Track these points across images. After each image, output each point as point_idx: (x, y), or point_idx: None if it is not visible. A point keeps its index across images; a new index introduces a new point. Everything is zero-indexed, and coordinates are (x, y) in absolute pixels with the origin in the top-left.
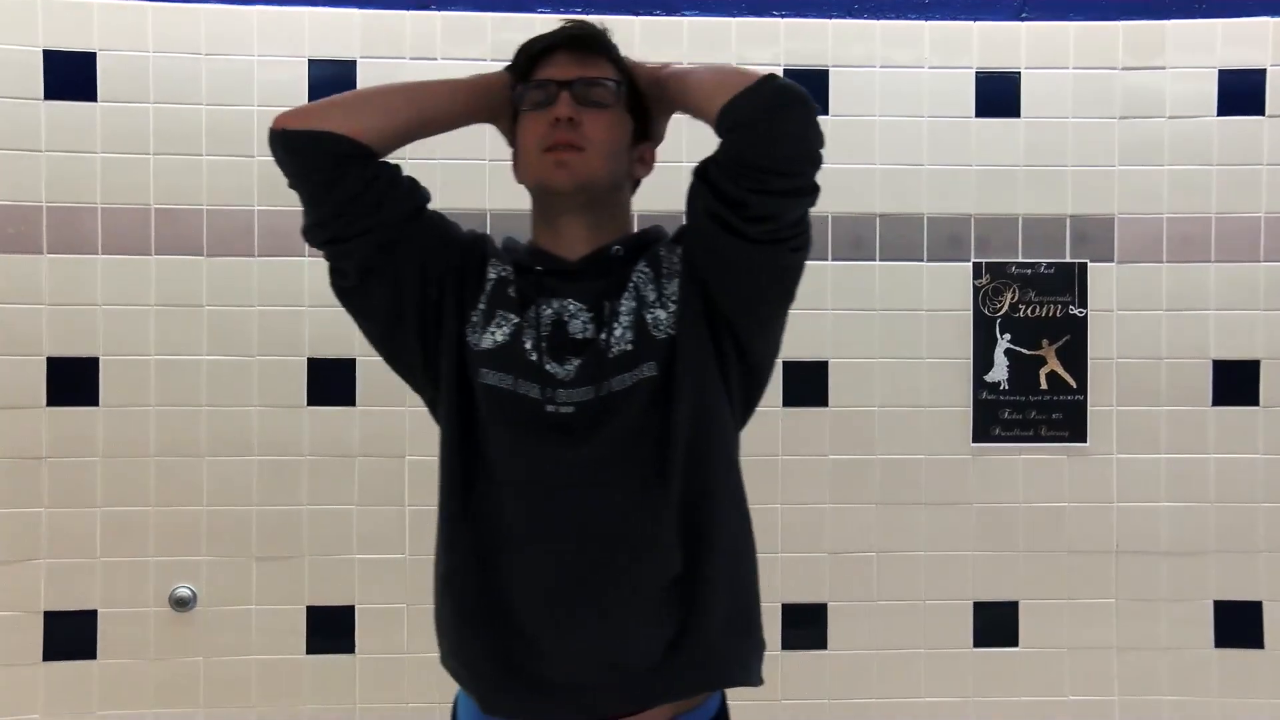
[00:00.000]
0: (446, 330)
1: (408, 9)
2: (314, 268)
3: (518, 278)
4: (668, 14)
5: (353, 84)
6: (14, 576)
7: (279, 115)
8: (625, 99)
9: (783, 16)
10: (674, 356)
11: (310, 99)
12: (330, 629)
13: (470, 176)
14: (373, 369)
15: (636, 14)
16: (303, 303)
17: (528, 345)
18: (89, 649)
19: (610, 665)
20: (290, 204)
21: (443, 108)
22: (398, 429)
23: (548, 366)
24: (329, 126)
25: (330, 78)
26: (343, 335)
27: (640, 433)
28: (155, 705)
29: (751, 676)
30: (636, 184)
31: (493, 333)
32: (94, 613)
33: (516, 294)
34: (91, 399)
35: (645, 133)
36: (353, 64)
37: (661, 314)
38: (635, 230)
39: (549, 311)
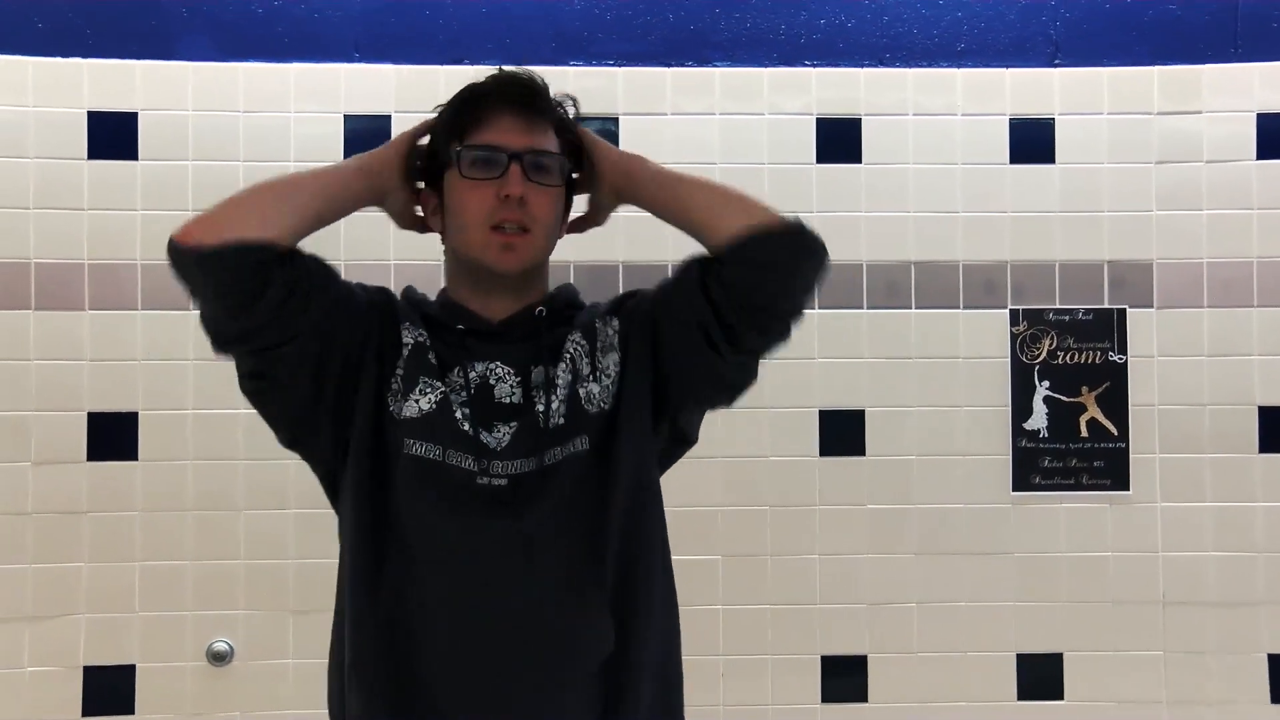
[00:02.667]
0: (362, 400)
1: (442, 64)
2: None
3: (434, 339)
4: (699, 65)
5: (388, 139)
6: (54, 631)
7: (180, 230)
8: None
9: (814, 66)
10: (611, 431)
11: (346, 152)
12: None
13: None
14: None
15: (668, 65)
16: None
17: (458, 415)
18: (127, 704)
19: None
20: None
21: (346, 194)
22: None
23: (482, 437)
24: (245, 235)
25: (365, 132)
26: None
27: (575, 509)
28: None
29: None
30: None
31: (416, 401)
32: (132, 667)
33: (436, 359)
34: (131, 453)
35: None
36: (388, 118)
37: (595, 388)
38: (549, 287)
39: (473, 375)
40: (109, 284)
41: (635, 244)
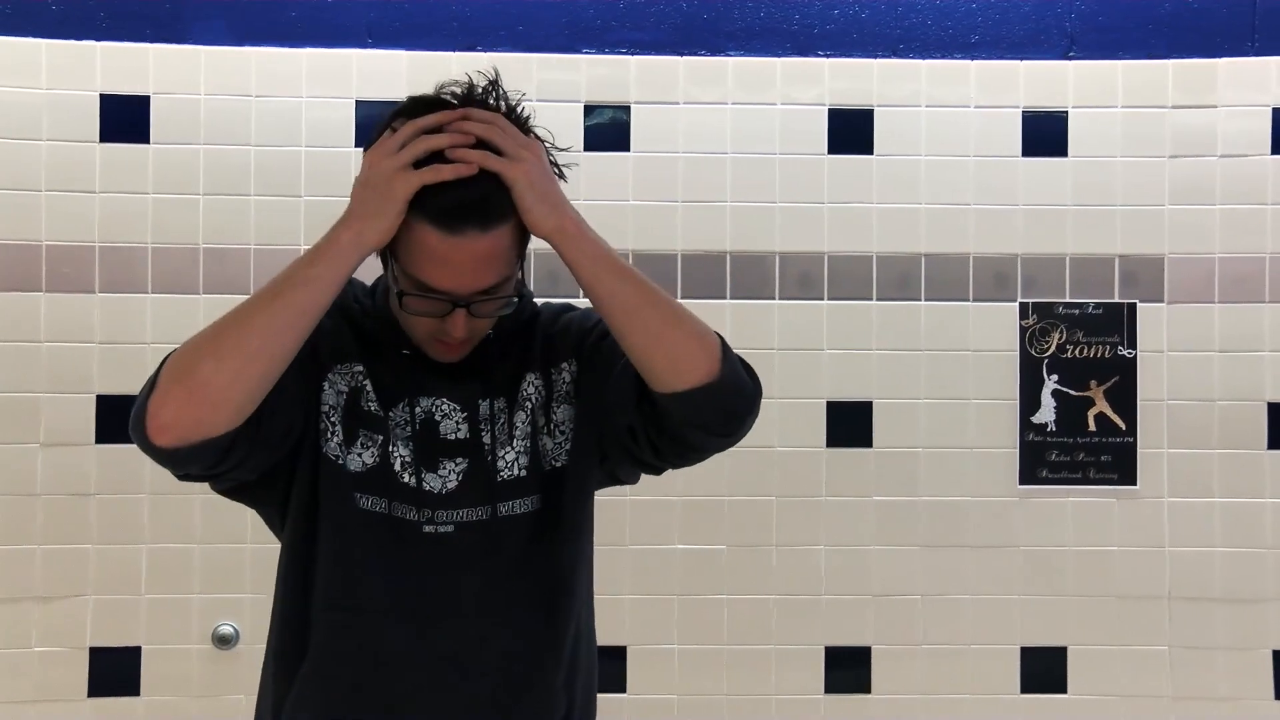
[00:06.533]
0: (305, 452)
1: (454, 50)
2: None
3: (375, 367)
4: (712, 54)
5: None
6: (62, 612)
7: (150, 422)
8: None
9: (828, 56)
10: (562, 489)
11: (358, 140)
12: None
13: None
14: None
15: (681, 54)
16: None
17: (397, 467)
18: (133, 685)
19: None
20: None
21: (319, 301)
22: None
23: (425, 485)
24: (212, 432)
25: (378, 118)
26: None
27: (526, 566)
28: None
29: None
30: None
31: (360, 454)
32: (138, 649)
33: (377, 397)
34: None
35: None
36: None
37: (549, 442)
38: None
39: (419, 410)
40: (120, 267)
41: (693, 233)
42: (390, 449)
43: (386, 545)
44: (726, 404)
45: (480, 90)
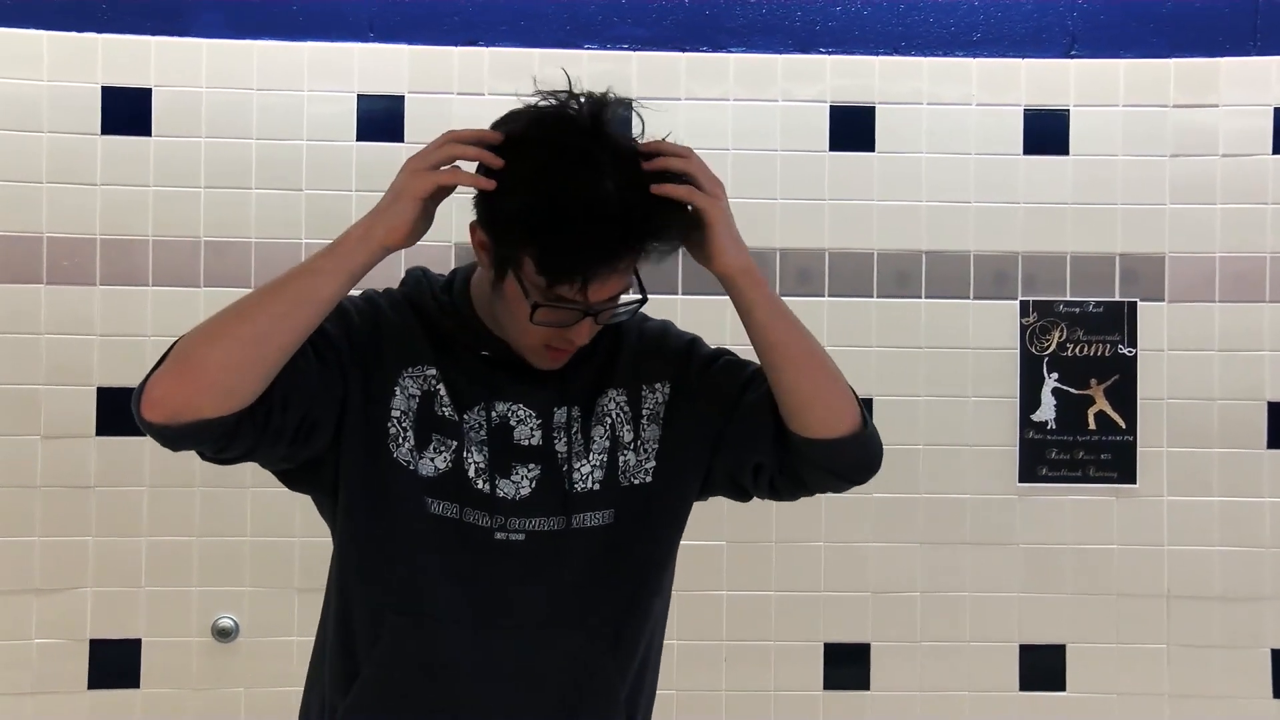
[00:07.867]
0: (355, 454)
1: (456, 45)
2: None
3: (450, 370)
4: (714, 50)
5: (400, 119)
6: (61, 604)
7: (144, 397)
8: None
9: (829, 53)
10: (643, 506)
11: (359, 134)
12: None
13: None
14: None
15: (682, 50)
16: None
17: (471, 473)
18: (133, 678)
19: None
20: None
21: (321, 295)
22: None
23: (499, 491)
24: (204, 415)
25: (379, 112)
26: None
27: (595, 578)
28: None
29: None
30: None
31: (432, 459)
32: (138, 641)
33: (451, 401)
34: (139, 428)
35: None
36: (401, 99)
37: (632, 458)
38: None
39: (494, 415)
40: (121, 260)
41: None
42: (464, 454)
43: (455, 551)
44: (866, 453)
45: (598, 101)
